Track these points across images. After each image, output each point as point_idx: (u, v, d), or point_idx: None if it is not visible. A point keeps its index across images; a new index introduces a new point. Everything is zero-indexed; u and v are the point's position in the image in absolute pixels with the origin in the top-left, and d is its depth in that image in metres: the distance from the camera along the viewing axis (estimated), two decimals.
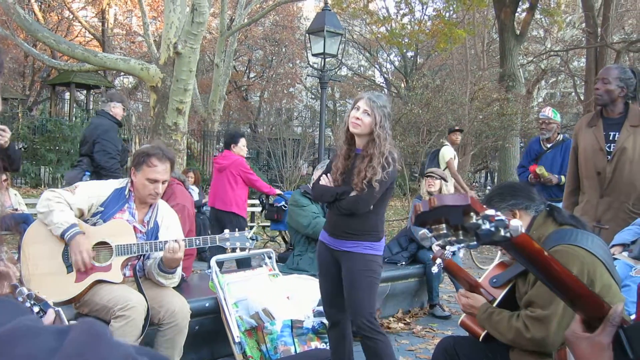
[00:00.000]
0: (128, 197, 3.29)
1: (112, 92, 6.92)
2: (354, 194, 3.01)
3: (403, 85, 23.77)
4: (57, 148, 13.34)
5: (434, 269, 2.59)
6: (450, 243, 0.98)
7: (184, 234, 3.80)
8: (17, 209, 7.28)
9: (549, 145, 5.73)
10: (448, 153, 8.14)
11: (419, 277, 5.58)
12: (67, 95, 20.89)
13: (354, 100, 3.16)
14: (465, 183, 8.91)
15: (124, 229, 3.19)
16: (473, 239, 0.96)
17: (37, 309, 1.71)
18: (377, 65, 29.38)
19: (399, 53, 25.25)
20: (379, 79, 29.93)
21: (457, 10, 19.04)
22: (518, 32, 14.95)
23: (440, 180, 5.94)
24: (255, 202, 9.12)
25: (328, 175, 3.17)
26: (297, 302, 3.86)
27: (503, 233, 0.93)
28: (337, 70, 11.79)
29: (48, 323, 1.68)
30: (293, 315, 3.73)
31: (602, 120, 3.86)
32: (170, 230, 3.33)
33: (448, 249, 1.02)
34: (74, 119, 15.06)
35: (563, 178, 5.36)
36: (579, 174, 3.99)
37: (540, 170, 5.44)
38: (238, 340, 3.58)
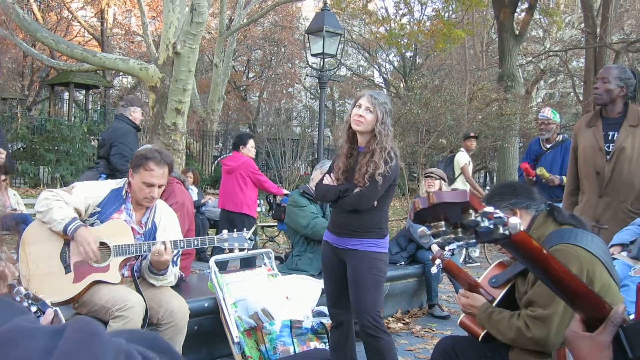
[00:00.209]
0: (125, 198, 3.27)
1: (131, 96, 7.05)
2: (357, 191, 3.01)
3: (402, 85, 23.76)
4: (56, 148, 13.31)
5: (434, 270, 2.58)
6: (449, 241, 0.98)
7: (184, 232, 3.79)
8: (15, 209, 7.28)
9: (549, 146, 5.73)
10: (463, 159, 8.27)
11: (418, 277, 5.58)
12: (66, 95, 20.87)
13: (355, 99, 3.17)
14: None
15: (122, 230, 3.17)
16: (472, 237, 0.95)
17: (34, 309, 1.71)
18: (376, 66, 29.38)
19: (398, 53, 25.22)
20: (378, 79, 29.92)
21: (456, 11, 19.07)
22: (517, 32, 14.94)
23: (440, 181, 5.94)
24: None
25: (331, 175, 3.18)
26: (296, 302, 3.86)
27: (502, 231, 0.93)
28: (336, 71, 11.79)
29: (46, 323, 1.67)
30: (292, 316, 3.73)
31: (601, 120, 3.86)
32: (168, 231, 3.31)
33: (447, 249, 1.02)
34: (73, 119, 15.03)
35: (564, 179, 5.36)
36: (579, 174, 3.99)
37: (541, 172, 5.43)
38: (237, 341, 3.58)
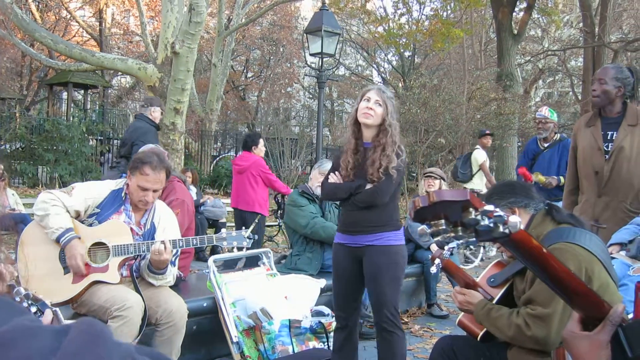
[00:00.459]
0: (124, 199, 3.27)
1: (151, 97, 7.25)
2: (370, 186, 2.98)
3: (401, 85, 23.76)
4: (54, 148, 13.28)
5: (433, 270, 2.58)
6: (449, 239, 0.98)
7: (183, 230, 3.79)
8: (14, 209, 7.28)
9: (546, 145, 5.73)
10: (481, 156, 8.44)
11: (417, 276, 5.57)
12: (64, 95, 20.83)
13: (362, 93, 3.13)
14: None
15: (121, 230, 3.17)
16: (472, 235, 0.96)
17: (34, 309, 1.70)
18: (374, 65, 29.38)
19: (397, 53, 25.24)
20: (377, 79, 29.89)
21: (454, 10, 19.08)
22: (515, 31, 14.96)
23: (440, 180, 5.94)
24: None
25: (336, 173, 3.14)
26: (295, 302, 3.85)
27: (502, 229, 0.93)
28: (334, 70, 11.79)
29: (46, 323, 1.67)
30: (291, 315, 3.72)
31: (600, 120, 3.86)
32: (167, 232, 3.30)
33: (447, 249, 1.02)
34: (72, 119, 14.99)
35: (562, 179, 5.35)
36: (578, 174, 3.99)
37: (537, 177, 5.38)
38: (236, 340, 3.57)
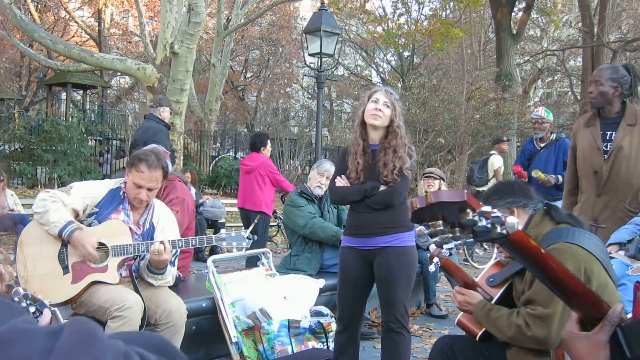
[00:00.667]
0: (123, 198, 3.26)
1: (159, 97, 7.26)
2: (383, 188, 3.00)
3: (400, 85, 23.75)
4: (53, 148, 13.26)
5: (431, 268, 2.58)
6: (447, 240, 0.98)
7: (183, 229, 3.79)
8: (13, 210, 7.27)
9: (543, 145, 5.74)
10: (497, 161, 8.77)
11: (416, 276, 5.54)
12: (63, 96, 20.81)
13: (369, 94, 3.12)
14: (462, 182, 8.96)
15: (120, 230, 3.17)
16: (470, 236, 0.95)
17: (33, 309, 1.70)
18: (373, 65, 29.41)
19: (396, 53, 25.26)
20: (376, 79, 29.91)
21: (453, 10, 19.09)
22: (514, 31, 14.97)
23: (439, 180, 5.93)
24: None
25: (343, 177, 3.13)
26: (294, 302, 3.85)
27: (499, 230, 0.93)
28: (333, 70, 11.79)
29: (44, 323, 1.67)
30: (290, 315, 3.72)
31: (599, 120, 3.86)
32: (166, 232, 3.29)
33: (445, 248, 1.02)
34: (71, 119, 14.97)
35: (560, 178, 5.37)
36: (578, 174, 4.00)
37: (537, 174, 5.41)
38: (235, 341, 3.57)
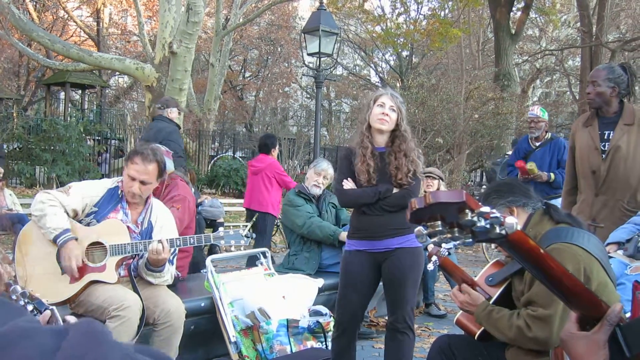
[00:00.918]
0: (121, 196, 3.26)
1: (166, 98, 7.32)
2: (397, 190, 3.03)
3: (398, 85, 23.76)
4: (52, 148, 13.23)
5: (430, 266, 2.59)
6: (446, 240, 0.98)
7: (183, 227, 3.78)
8: (12, 209, 7.27)
9: (538, 144, 5.75)
10: None
11: None
12: (62, 95, 20.81)
13: (374, 98, 3.12)
14: (461, 182, 8.95)
15: (118, 229, 3.16)
16: (469, 236, 0.95)
17: (31, 308, 1.70)
18: (372, 65, 29.39)
19: (394, 52, 25.25)
20: (375, 79, 29.91)
21: (452, 10, 19.09)
22: (513, 31, 14.99)
23: (438, 180, 5.93)
24: None
25: (349, 180, 3.13)
26: (292, 301, 3.85)
27: (498, 230, 0.93)
28: (332, 70, 11.78)
29: (43, 322, 1.67)
30: (289, 315, 3.72)
31: (597, 120, 3.87)
32: (165, 231, 3.28)
33: (444, 247, 1.02)
34: (69, 119, 14.94)
35: (552, 175, 5.41)
36: (576, 174, 4.00)
37: (531, 166, 5.44)
38: (234, 340, 3.57)
